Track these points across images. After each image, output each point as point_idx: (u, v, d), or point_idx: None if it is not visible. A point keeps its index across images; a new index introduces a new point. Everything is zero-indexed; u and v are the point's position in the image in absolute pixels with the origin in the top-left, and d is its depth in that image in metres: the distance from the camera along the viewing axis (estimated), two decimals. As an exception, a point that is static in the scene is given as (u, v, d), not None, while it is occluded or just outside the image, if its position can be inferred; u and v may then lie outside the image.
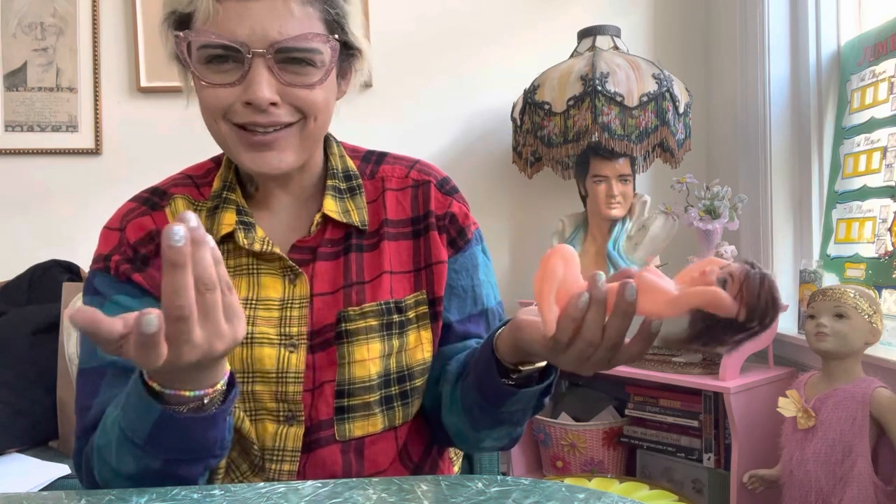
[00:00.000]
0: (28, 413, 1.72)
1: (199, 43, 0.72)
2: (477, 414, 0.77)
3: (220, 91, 0.73)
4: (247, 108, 0.73)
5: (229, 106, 0.74)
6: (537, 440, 1.98)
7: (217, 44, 0.71)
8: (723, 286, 0.53)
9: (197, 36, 0.72)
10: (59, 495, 0.62)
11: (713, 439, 1.73)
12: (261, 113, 0.73)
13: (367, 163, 0.88)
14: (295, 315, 0.78)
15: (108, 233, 0.82)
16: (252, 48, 0.71)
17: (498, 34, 2.22)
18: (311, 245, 0.81)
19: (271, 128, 0.74)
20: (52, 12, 2.15)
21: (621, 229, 1.87)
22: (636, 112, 1.78)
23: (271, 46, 0.71)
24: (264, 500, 0.58)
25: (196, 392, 0.61)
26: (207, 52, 0.73)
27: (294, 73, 0.73)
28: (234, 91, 0.73)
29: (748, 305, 0.53)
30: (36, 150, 2.15)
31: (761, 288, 0.53)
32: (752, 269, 0.54)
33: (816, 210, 1.78)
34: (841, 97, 1.73)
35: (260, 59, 0.71)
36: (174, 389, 0.61)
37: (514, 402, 0.72)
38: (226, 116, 0.74)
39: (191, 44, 0.73)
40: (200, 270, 0.54)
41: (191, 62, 0.74)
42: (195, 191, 0.84)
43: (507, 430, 0.79)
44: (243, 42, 0.71)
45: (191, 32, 0.72)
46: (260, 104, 0.72)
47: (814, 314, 1.35)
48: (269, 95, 0.72)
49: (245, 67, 0.72)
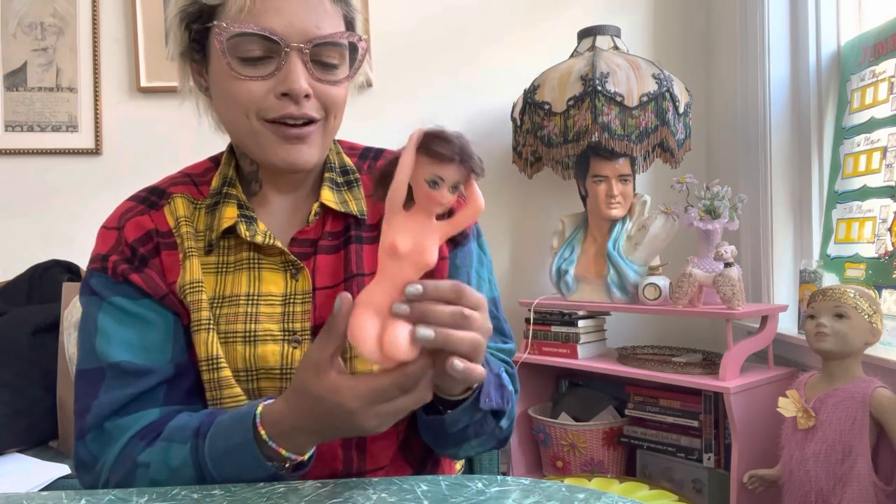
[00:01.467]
0: (28, 413, 1.72)
1: (236, 32, 0.73)
2: (431, 439, 0.78)
3: (252, 84, 0.74)
4: (281, 99, 0.74)
5: (261, 99, 0.74)
6: (537, 440, 1.98)
7: (256, 35, 0.72)
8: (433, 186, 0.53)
9: (236, 26, 0.72)
10: (59, 495, 0.62)
11: (713, 439, 1.73)
12: (294, 105, 0.74)
13: (365, 159, 0.89)
14: (298, 310, 0.78)
15: (105, 232, 0.82)
16: (289, 42, 0.73)
17: (498, 34, 2.22)
18: (311, 238, 0.82)
19: (301, 120, 0.75)
20: (52, 12, 2.15)
21: (621, 229, 1.87)
22: (636, 112, 1.78)
23: (309, 42, 0.73)
24: (264, 500, 0.58)
25: (290, 454, 0.65)
26: (241, 44, 0.73)
27: (323, 69, 0.76)
28: (265, 84, 0.74)
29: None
30: (36, 150, 2.15)
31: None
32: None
33: (816, 210, 1.77)
34: (841, 97, 1.73)
35: (296, 52, 0.73)
36: (295, 453, 0.65)
37: (454, 424, 0.71)
38: (257, 114, 0.75)
39: (223, 38, 0.73)
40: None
41: (225, 54, 0.74)
42: (194, 189, 0.84)
43: (477, 442, 0.77)
44: (282, 35, 0.72)
45: (229, 22, 0.73)
46: (298, 95, 0.73)
47: (814, 314, 1.35)
48: (305, 87, 0.73)
49: (280, 61, 0.73)
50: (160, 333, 0.77)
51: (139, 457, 0.70)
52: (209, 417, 0.70)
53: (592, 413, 1.93)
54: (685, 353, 1.88)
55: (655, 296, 1.74)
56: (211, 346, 0.76)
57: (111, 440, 0.73)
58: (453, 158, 0.52)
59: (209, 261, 0.80)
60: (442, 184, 0.52)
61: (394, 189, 0.54)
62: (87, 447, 0.74)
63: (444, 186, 0.52)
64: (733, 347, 1.61)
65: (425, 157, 0.52)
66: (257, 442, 0.64)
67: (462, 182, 0.53)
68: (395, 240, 0.54)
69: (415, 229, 0.54)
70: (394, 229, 0.55)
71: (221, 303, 0.79)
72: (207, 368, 0.76)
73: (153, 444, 0.71)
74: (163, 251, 0.80)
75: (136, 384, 0.74)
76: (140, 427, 0.73)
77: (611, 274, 1.83)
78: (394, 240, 0.54)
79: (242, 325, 0.77)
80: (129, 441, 0.72)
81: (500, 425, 0.77)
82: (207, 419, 0.70)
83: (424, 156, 0.52)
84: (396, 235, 0.54)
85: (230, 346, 0.77)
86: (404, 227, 0.54)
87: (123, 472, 0.71)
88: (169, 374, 0.76)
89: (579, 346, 1.88)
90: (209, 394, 0.77)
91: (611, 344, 2.04)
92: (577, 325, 1.88)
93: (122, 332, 0.76)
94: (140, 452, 0.70)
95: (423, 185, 0.53)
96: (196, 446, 0.68)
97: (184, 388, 0.77)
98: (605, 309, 1.92)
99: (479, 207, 0.55)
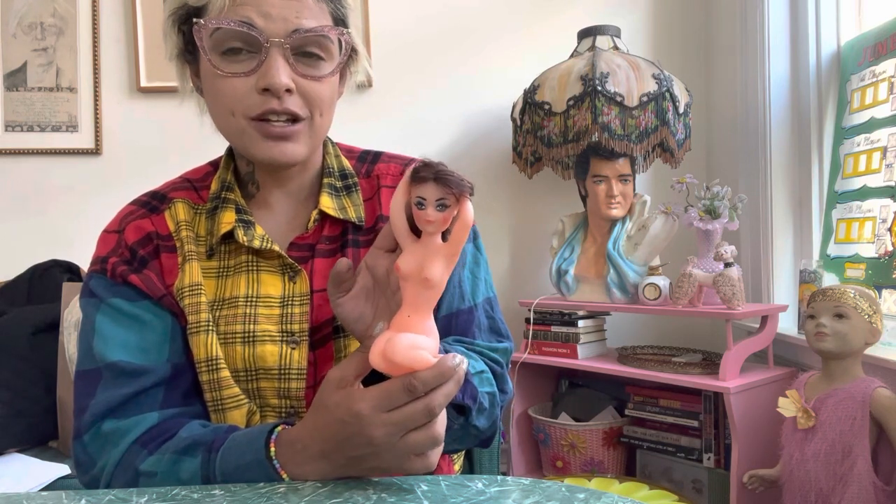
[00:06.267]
0: (28, 413, 1.72)
1: (214, 27, 0.73)
2: None
3: (235, 81, 0.74)
4: (262, 95, 0.74)
5: (244, 96, 0.74)
6: (537, 440, 1.98)
7: (235, 31, 0.72)
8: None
9: (215, 22, 0.73)
10: (59, 495, 0.62)
11: (713, 439, 1.73)
12: (276, 100, 0.74)
13: (363, 162, 0.89)
14: (296, 312, 0.79)
15: (106, 236, 0.82)
16: (269, 37, 0.73)
17: (498, 34, 2.22)
18: (309, 242, 0.82)
19: (284, 116, 0.75)
20: (52, 12, 2.15)
21: (621, 229, 1.87)
22: (636, 112, 1.78)
23: (289, 36, 0.73)
24: (264, 500, 0.58)
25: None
26: (223, 41, 0.73)
27: (306, 64, 0.76)
28: (248, 81, 0.74)
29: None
30: (36, 150, 2.15)
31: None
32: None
33: (816, 210, 1.77)
34: (841, 97, 1.73)
35: (277, 47, 0.73)
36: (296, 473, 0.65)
37: None
38: (241, 112, 0.75)
39: (203, 35, 0.74)
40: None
41: (207, 52, 0.74)
42: (194, 194, 0.85)
43: (457, 447, 0.77)
44: (261, 29, 0.72)
45: (209, 19, 0.73)
46: (277, 89, 0.73)
47: (814, 314, 1.35)
48: (286, 81, 0.73)
49: (262, 56, 0.73)
50: (157, 334, 0.78)
51: (141, 465, 0.70)
52: (224, 434, 0.70)
53: (592, 413, 1.93)
54: (685, 353, 1.88)
55: (655, 296, 1.74)
56: (211, 347, 0.76)
57: (110, 444, 0.73)
58: (428, 178, 0.57)
59: (210, 265, 0.81)
60: (426, 203, 0.58)
61: (391, 218, 0.61)
62: (85, 448, 0.74)
63: (428, 205, 0.58)
64: (733, 347, 1.61)
65: (411, 184, 0.59)
66: (269, 460, 0.65)
67: (446, 199, 0.58)
68: (398, 262, 0.60)
69: (418, 251, 0.60)
70: (401, 254, 0.61)
71: (221, 305, 0.79)
72: (207, 369, 0.76)
73: (156, 453, 0.70)
74: (162, 253, 0.80)
75: (132, 384, 0.74)
76: (140, 432, 0.73)
77: (611, 274, 1.83)
78: (398, 263, 0.60)
79: (242, 326, 0.78)
80: (129, 447, 0.72)
81: (474, 423, 0.75)
82: (222, 435, 0.70)
83: (411, 184, 0.59)
84: (401, 259, 0.60)
85: (230, 346, 0.77)
86: (410, 251, 0.61)
87: (125, 479, 0.70)
88: (166, 375, 0.76)
89: (579, 346, 1.88)
90: (209, 394, 0.77)
91: (611, 344, 2.04)
92: (577, 325, 1.88)
93: (119, 332, 0.77)
94: (143, 461, 0.70)
95: (414, 209, 0.59)
96: (208, 460, 0.67)
97: (181, 389, 0.77)
98: (605, 309, 1.92)
99: (467, 222, 0.59)
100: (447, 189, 0.57)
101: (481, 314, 0.86)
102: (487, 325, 0.86)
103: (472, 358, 0.79)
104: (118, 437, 0.73)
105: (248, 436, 0.68)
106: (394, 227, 0.61)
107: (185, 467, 0.68)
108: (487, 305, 0.87)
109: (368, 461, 0.62)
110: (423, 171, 0.57)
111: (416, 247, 0.60)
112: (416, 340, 0.59)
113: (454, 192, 0.57)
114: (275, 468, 0.64)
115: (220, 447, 0.68)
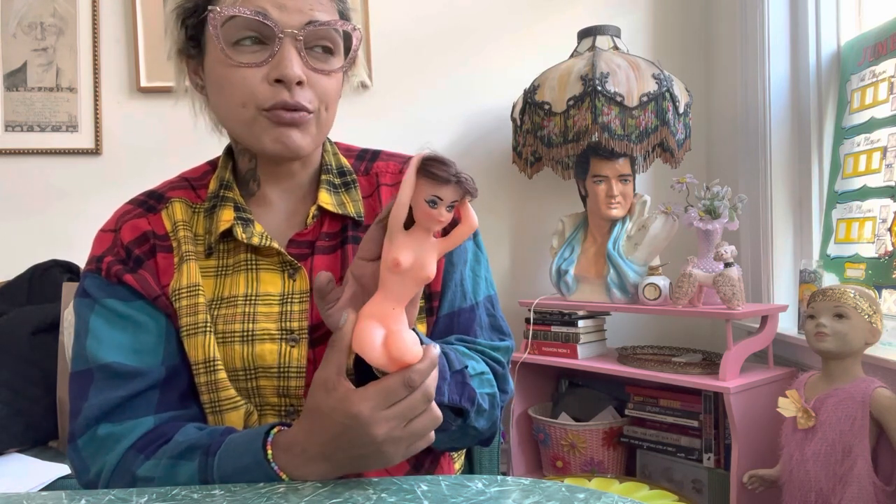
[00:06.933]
0: (28, 413, 1.72)
1: (229, 15, 0.73)
2: None
3: (246, 72, 0.74)
4: (273, 86, 0.74)
5: (256, 87, 0.74)
6: (537, 440, 1.98)
7: (249, 20, 0.72)
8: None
9: (230, 10, 0.73)
10: (59, 495, 0.62)
11: (713, 439, 1.73)
12: (288, 92, 0.74)
13: (362, 160, 0.89)
14: (296, 310, 0.78)
15: (102, 235, 0.82)
16: (283, 28, 0.73)
17: (498, 34, 2.22)
18: (308, 239, 0.82)
19: (295, 110, 0.76)
20: (52, 12, 2.15)
21: (621, 229, 1.87)
22: (636, 112, 1.78)
23: (303, 28, 0.73)
24: (264, 500, 0.58)
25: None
26: (234, 31, 0.74)
27: (316, 58, 0.76)
28: (260, 71, 0.74)
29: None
30: (36, 150, 2.15)
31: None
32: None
33: (816, 210, 1.77)
34: (841, 97, 1.73)
35: (290, 39, 0.73)
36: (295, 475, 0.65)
37: None
38: (253, 102, 0.75)
39: (217, 24, 0.74)
40: None
41: (220, 40, 0.74)
42: (192, 193, 0.85)
43: (446, 437, 0.77)
44: (275, 20, 0.73)
45: (224, 7, 0.73)
46: (291, 80, 0.73)
47: (814, 314, 1.35)
48: (298, 72, 0.74)
49: (274, 47, 0.73)
50: (152, 336, 0.77)
51: (138, 470, 0.70)
52: (221, 437, 0.70)
53: (592, 413, 1.93)
54: (685, 353, 1.88)
55: (655, 296, 1.74)
56: (209, 348, 0.76)
57: (104, 449, 0.72)
58: (450, 180, 0.57)
59: (209, 264, 0.80)
60: (440, 203, 0.57)
61: (396, 208, 0.59)
62: (79, 453, 0.73)
63: (441, 206, 0.57)
64: (733, 347, 1.61)
65: (425, 179, 0.57)
66: (267, 462, 0.65)
67: (458, 201, 0.58)
68: (398, 256, 0.59)
69: (415, 246, 0.59)
70: (396, 246, 0.59)
71: (220, 304, 0.79)
72: (205, 371, 0.76)
73: (153, 458, 0.70)
74: (158, 253, 0.80)
75: (126, 386, 0.74)
76: (136, 438, 0.72)
77: (611, 274, 1.83)
78: (396, 256, 0.59)
79: (240, 325, 0.77)
80: (125, 453, 0.71)
81: (473, 425, 0.75)
82: (219, 438, 0.69)
83: (424, 178, 0.57)
84: (399, 252, 0.59)
85: (228, 345, 0.77)
86: (405, 245, 0.59)
87: (122, 485, 0.70)
88: (160, 377, 0.76)
89: (579, 346, 1.88)
90: (206, 396, 0.76)
91: (611, 344, 2.04)
92: (577, 325, 1.88)
93: (113, 334, 0.76)
94: (139, 466, 0.70)
95: (422, 205, 0.58)
96: (205, 464, 0.67)
97: (177, 391, 0.77)
98: (605, 309, 1.92)
99: (472, 225, 0.60)
100: (465, 193, 0.57)
101: (483, 312, 0.86)
102: (489, 323, 0.86)
103: (473, 359, 0.78)
104: (113, 442, 0.72)
105: (245, 438, 0.68)
106: (393, 220, 0.59)
107: (183, 472, 0.68)
108: (489, 303, 0.87)
109: (373, 458, 0.62)
110: (442, 170, 0.57)
111: (409, 241, 0.59)
112: (414, 336, 0.60)
113: (471, 196, 0.57)
114: (273, 469, 0.64)
115: (217, 451, 0.67)
